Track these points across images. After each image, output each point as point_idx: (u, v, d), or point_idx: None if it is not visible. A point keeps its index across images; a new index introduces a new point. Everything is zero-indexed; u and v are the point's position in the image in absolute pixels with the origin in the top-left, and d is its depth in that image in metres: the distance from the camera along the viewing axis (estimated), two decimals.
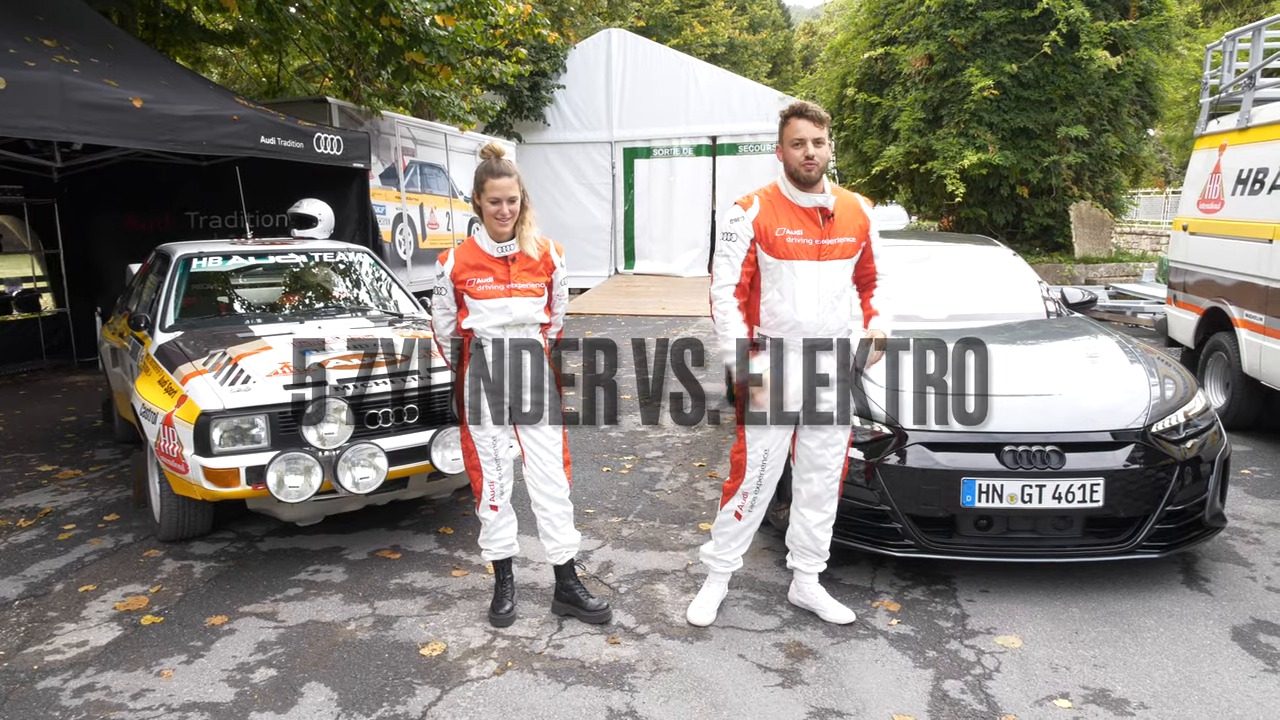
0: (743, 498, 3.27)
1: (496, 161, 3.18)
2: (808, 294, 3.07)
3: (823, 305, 3.09)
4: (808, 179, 3.03)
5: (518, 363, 3.24)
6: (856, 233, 3.12)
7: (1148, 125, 14.59)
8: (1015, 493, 3.41)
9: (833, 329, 3.13)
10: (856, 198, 3.22)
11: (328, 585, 3.75)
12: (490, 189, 3.15)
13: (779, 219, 3.08)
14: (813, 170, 3.00)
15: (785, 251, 3.06)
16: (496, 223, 3.17)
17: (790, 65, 42.01)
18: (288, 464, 3.65)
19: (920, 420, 3.60)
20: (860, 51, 15.31)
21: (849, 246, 3.11)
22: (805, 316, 3.08)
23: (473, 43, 9.56)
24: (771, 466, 3.23)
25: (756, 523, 3.34)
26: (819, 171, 3.01)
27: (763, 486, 3.25)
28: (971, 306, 4.96)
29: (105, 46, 7.15)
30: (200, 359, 4.21)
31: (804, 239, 3.06)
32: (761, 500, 3.27)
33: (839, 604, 3.36)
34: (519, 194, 3.18)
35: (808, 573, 3.37)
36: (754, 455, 3.22)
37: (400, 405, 4.00)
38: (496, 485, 3.33)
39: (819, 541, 3.31)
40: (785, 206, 3.10)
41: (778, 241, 3.06)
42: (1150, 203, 25.31)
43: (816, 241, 3.06)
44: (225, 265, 5.32)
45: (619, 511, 4.64)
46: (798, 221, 3.07)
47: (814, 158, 2.98)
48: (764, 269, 3.13)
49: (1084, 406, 3.67)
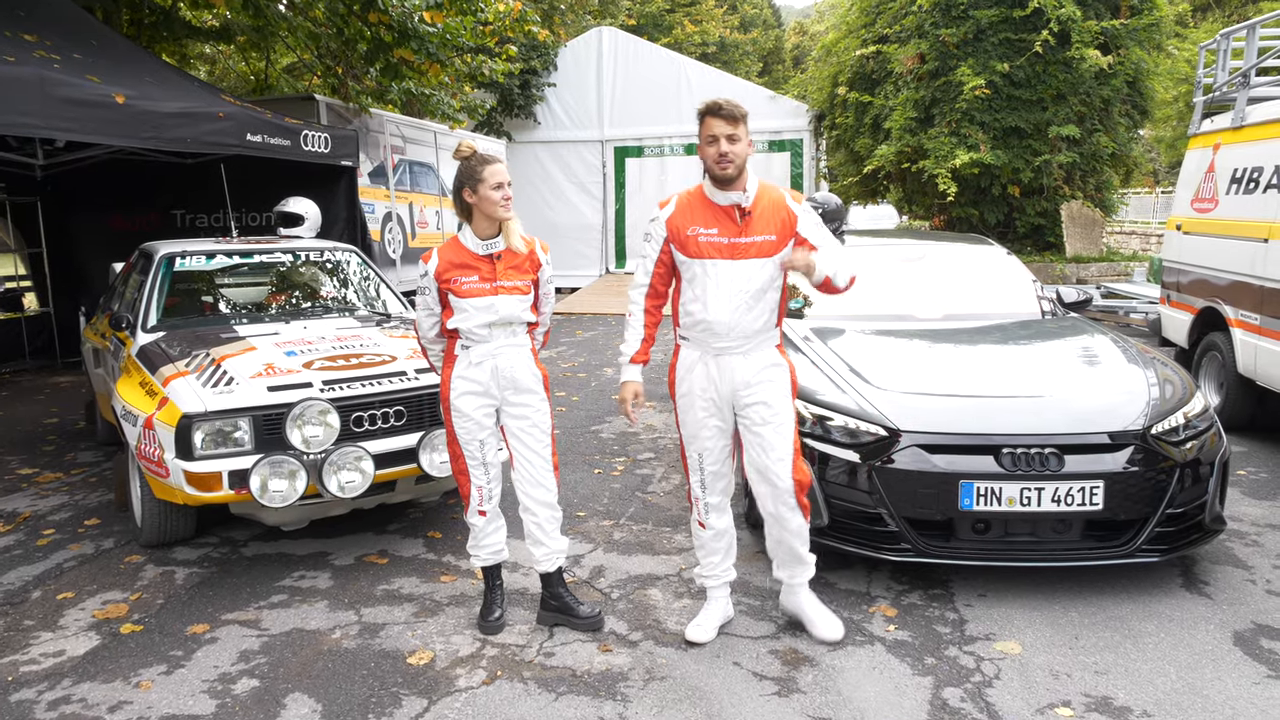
0: (695, 504, 3.21)
1: (483, 151, 3.12)
2: (719, 293, 2.97)
3: (736, 305, 2.96)
4: (723, 177, 2.94)
5: (504, 363, 3.16)
6: (778, 230, 2.97)
7: (1138, 125, 14.57)
8: (1014, 496, 3.35)
9: (749, 331, 3.00)
10: (784, 194, 3.06)
11: (313, 592, 3.67)
12: (491, 175, 3.09)
13: (694, 218, 3.02)
14: (727, 168, 2.91)
15: (697, 250, 3.00)
16: (502, 209, 3.12)
17: (781, 64, 41.98)
18: (272, 468, 3.57)
19: (916, 421, 3.53)
20: (852, 50, 15.23)
21: (768, 245, 2.96)
22: (716, 316, 2.97)
23: (462, 40, 9.46)
24: (712, 471, 3.15)
25: (726, 534, 3.23)
26: (735, 169, 2.92)
27: (709, 490, 3.16)
28: (967, 306, 4.91)
29: (88, 42, 7.04)
30: (182, 360, 4.12)
31: (717, 237, 2.98)
32: (716, 506, 3.18)
33: (830, 615, 3.23)
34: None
35: (793, 583, 3.25)
36: (691, 459, 3.18)
37: (387, 407, 3.92)
38: (484, 490, 3.25)
39: (795, 552, 3.17)
40: (702, 205, 3.03)
41: (689, 240, 3.00)
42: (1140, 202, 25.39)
43: (731, 240, 2.97)
44: (209, 265, 5.22)
45: (610, 514, 4.57)
46: (713, 220, 2.99)
47: (727, 155, 2.89)
48: (680, 269, 3.09)
49: (1083, 408, 3.61)
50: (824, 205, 5.91)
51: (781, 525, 3.11)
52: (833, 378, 3.90)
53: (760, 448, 3.05)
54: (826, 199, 5.94)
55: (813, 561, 3.23)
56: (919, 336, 4.49)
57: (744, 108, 2.98)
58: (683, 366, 3.11)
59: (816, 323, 4.70)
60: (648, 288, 3.13)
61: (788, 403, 3.07)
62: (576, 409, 7.03)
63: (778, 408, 3.04)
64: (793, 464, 3.04)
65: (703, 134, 2.97)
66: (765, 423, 3.03)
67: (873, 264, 5.41)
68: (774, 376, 3.05)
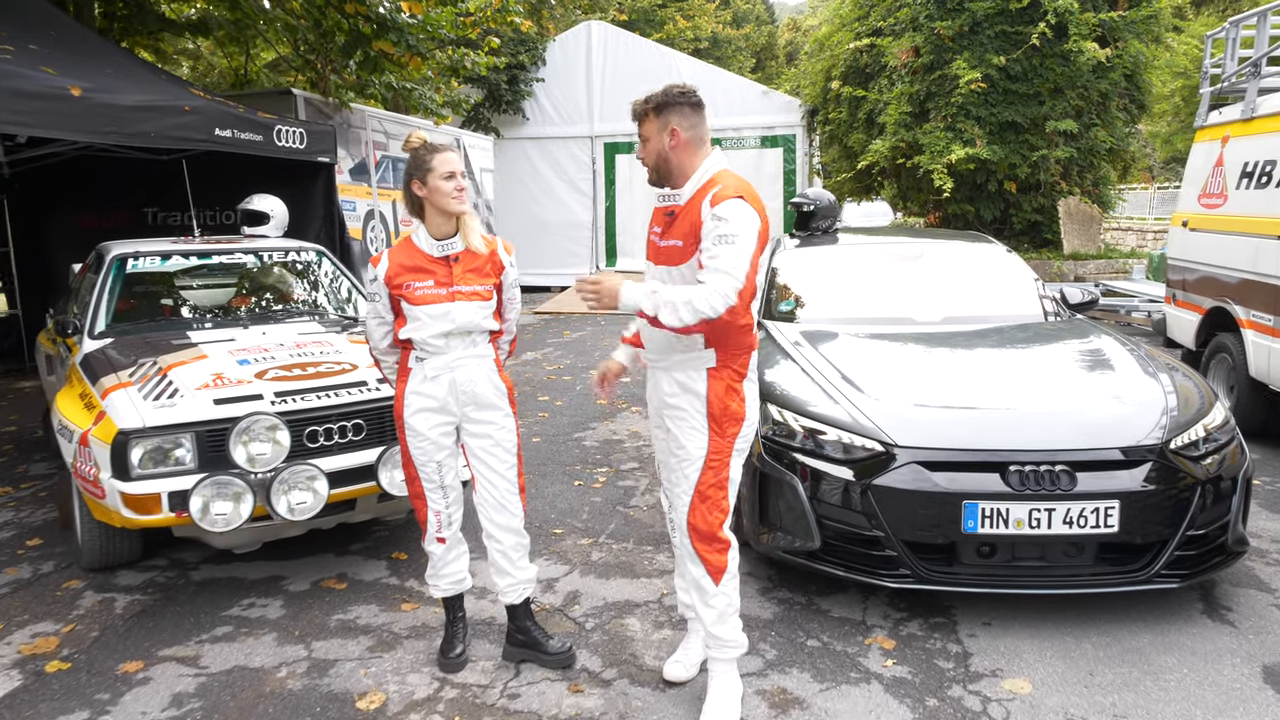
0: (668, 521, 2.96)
1: (431, 141, 2.84)
2: None
3: None
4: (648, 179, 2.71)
5: (464, 377, 2.87)
6: (683, 235, 2.57)
7: (1136, 119, 14.33)
8: (1022, 517, 3.08)
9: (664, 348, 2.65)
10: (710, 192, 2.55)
11: (261, 623, 3.38)
12: (441, 163, 2.80)
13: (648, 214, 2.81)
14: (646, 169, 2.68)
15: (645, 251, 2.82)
16: (454, 201, 2.82)
17: (774, 61, 41.66)
18: (215, 489, 3.28)
19: (915, 436, 3.26)
20: (845, 44, 14.95)
21: (675, 251, 2.61)
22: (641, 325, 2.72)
23: (443, 31, 9.16)
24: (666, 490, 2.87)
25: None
26: (651, 169, 2.65)
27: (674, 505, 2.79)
28: (967, 308, 4.64)
29: (46, 33, 6.72)
30: (126, 369, 3.82)
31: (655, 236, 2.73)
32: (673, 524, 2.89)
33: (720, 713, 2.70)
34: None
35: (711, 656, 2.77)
36: (659, 472, 2.92)
37: (345, 420, 3.63)
38: (443, 515, 2.96)
39: (703, 621, 2.70)
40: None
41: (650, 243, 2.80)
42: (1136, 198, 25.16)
43: (659, 242, 2.67)
44: (164, 266, 4.92)
45: (589, 532, 4.29)
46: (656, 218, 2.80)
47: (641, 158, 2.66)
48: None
49: (1095, 420, 3.34)
50: (815, 202, 5.63)
51: (682, 575, 2.86)
52: (824, 387, 3.62)
53: (670, 486, 2.78)
54: (818, 195, 5.66)
55: (735, 641, 2.70)
56: (917, 341, 4.21)
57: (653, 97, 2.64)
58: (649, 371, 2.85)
59: (807, 326, 4.42)
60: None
61: (699, 438, 2.61)
62: (559, 415, 6.74)
63: (685, 441, 2.63)
64: (690, 504, 2.62)
65: None
66: (671, 454, 2.71)
67: (868, 263, 5.14)
68: (688, 406, 2.63)
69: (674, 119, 2.59)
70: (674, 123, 2.58)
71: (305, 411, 3.55)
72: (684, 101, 2.61)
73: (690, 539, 2.64)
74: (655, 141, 2.61)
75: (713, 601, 2.65)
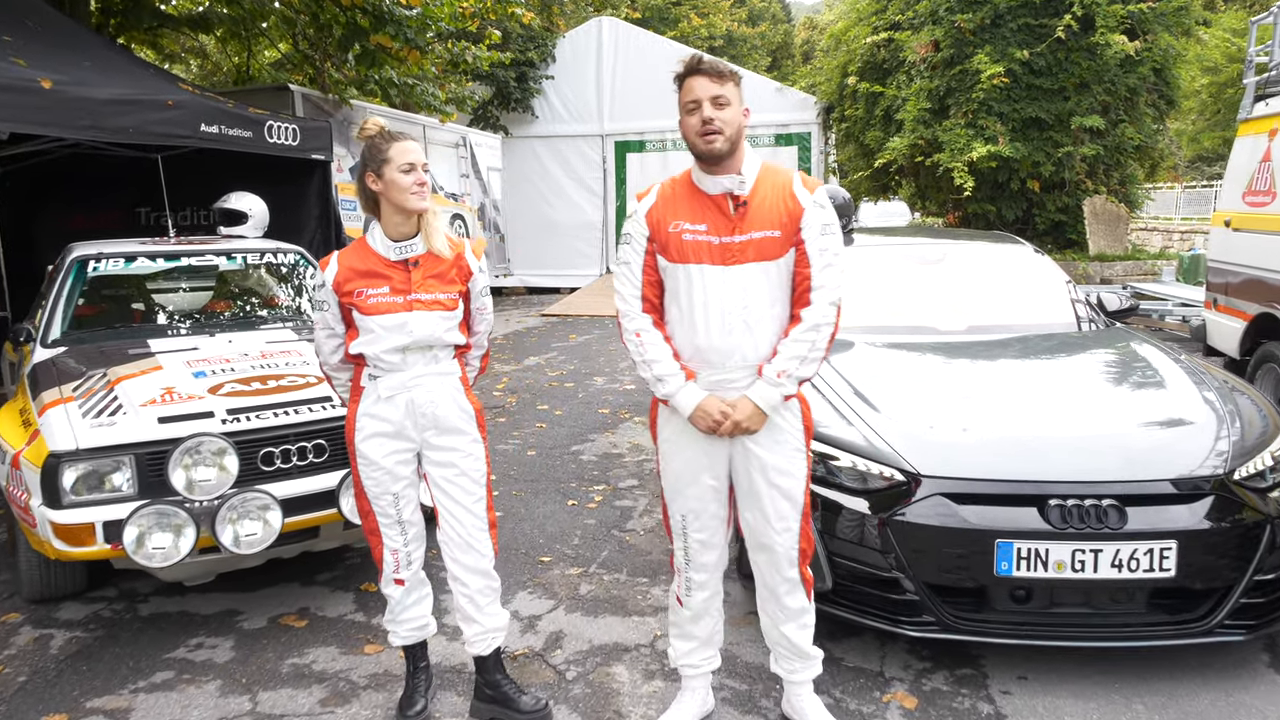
0: (677, 576, 2.56)
1: (390, 129, 2.48)
2: (709, 310, 2.32)
3: (731, 325, 2.30)
4: (709, 153, 2.28)
5: (424, 398, 2.52)
6: (781, 224, 2.28)
7: (1165, 115, 13.83)
8: (1064, 559, 2.69)
9: (752, 358, 2.33)
10: (791, 176, 2.37)
11: (206, 668, 3.03)
12: (399, 154, 2.44)
13: (677, 210, 2.36)
14: (714, 141, 2.25)
15: (680, 252, 2.33)
16: (414, 197, 2.46)
17: (790, 59, 41.16)
18: (153, 519, 2.94)
19: (940, 463, 2.87)
20: (862, 38, 14.55)
21: (769, 244, 2.28)
22: (708, 340, 2.33)
23: (442, 24, 8.84)
24: (699, 540, 2.48)
25: (708, 617, 2.59)
26: (725, 142, 2.25)
27: (692, 564, 2.50)
28: (994, 315, 4.23)
29: (23, 23, 6.44)
30: (72, 383, 3.49)
31: (706, 235, 2.32)
32: (700, 583, 2.52)
33: None
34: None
35: (793, 680, 2.60)
36: (674, 522, 2.51)
37: (305, 441, 3.29)
38: (401, 555, 2.61)
39: (794, 645, 2.53)
40: (689, 194, 2.37)
41: (672, 239, 2.34)
42: (1162, 197, 24.54)
43: (721, 239, 2.31)
44: (128, 268, 4.59)
45: (580, 560, 3.92)
46: (701, 213, 2.33)
47: (713, 123, 2.23)
48: (664, 278, 2.41)
49: (1147, 447, 2.94)
50: (830, 200, 5.23)
51: (778, 603, 2.47)
52: (837, 405, 3.24)
53: (760, 511, 2.41)
54: (834, 193, 5.24)
55: (819, 656, 2.58)
56: (940, 352, 3.82)
57: (732, 67, 2.31)
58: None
59: None
60: (641, 301, 2.42)
61: (799, 457, 2.41)
62: (558, 425, 6.38)
63: (785, 463, 2.39)
64: (800, 530, 2.41)
65: (682, 101, 2.31)
66: (771, 484, 2.38)
67: (885, 267, 4.75)
68: (784, 422, 2.38)
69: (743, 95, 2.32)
70: (745, 100, 2.32)
71: (259, 431, 3.21)
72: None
73: (799, 565, 2.45)
74: (736, 111, 2.27)
75: (809, 619, 2.53)
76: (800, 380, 2.31)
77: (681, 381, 2.35)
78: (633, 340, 2.40)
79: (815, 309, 2.29)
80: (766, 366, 2.31)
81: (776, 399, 2.30)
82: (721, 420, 2.30)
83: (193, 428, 3.11)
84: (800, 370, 2.29)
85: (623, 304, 2.43)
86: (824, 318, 2.29)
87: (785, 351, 2.29)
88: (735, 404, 2.31)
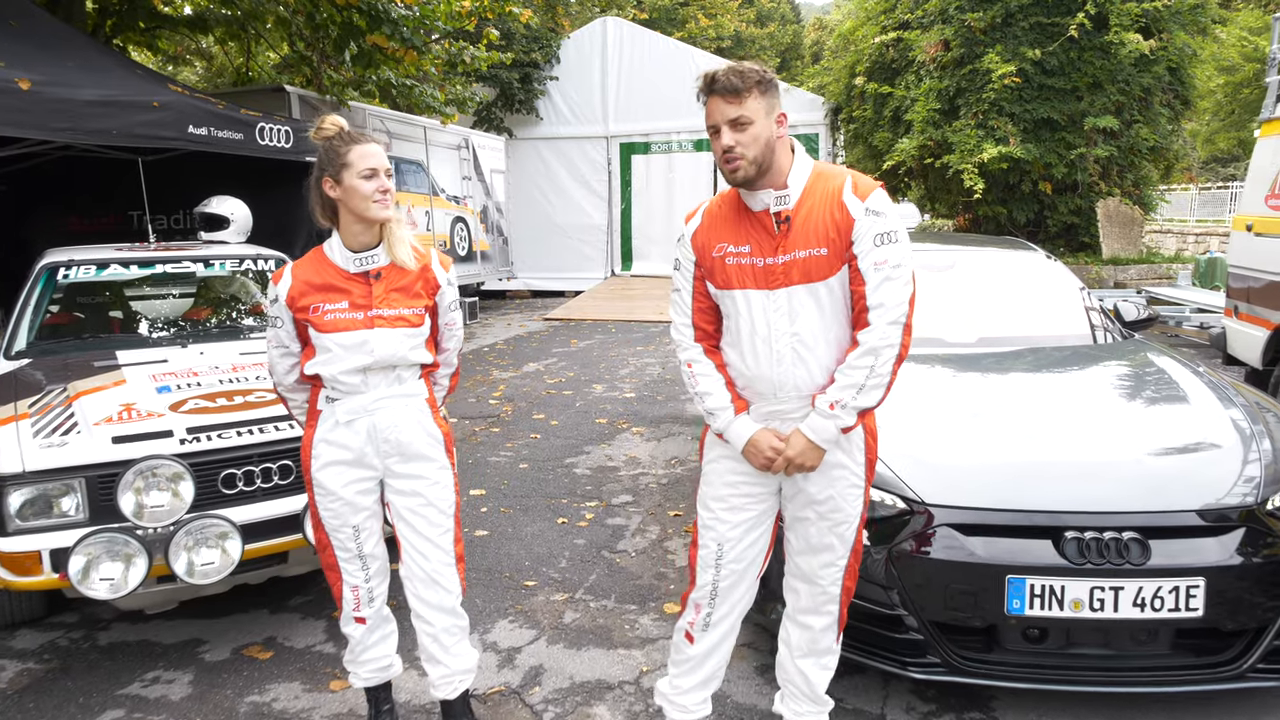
0: (694, 611, 2.35)
1: (350, 130, 2.29)
2: (755, 339, 2.13)
3: (780, 353, 2.10)
4: (735, 181, 2.08)
5: (386, 422, 2.32)
6: (828, 240, 2.05)
7: (1180, 116, 13.52)
8: (1081, 597, 2.47)
9: (806, 387, 2.13)
10: (843, 181, 2.09)
11: (160, 706, 2.84)
12: (360, 158, 2.25)
13: (722, 232, 2.16)
14: (737, 171, 2.04)
15: (725, 278, 2.14)
16: (376, 206, 2.27)
17: (799, 60, 40.85)
18: (103, 546, 2.75)
19: (946, 491, 2.66)
20: (870, 38, 14.29)
21: (815, 263, 2.05)
22: (756, 369, 2.14)
23: (438, 23, 8.66)
24: (730, 572, 2.28)
25: (716, 656, 2.38)
26: (751, 166, 2.04)
27: (719, 598, 2.30)
28: (1005, 327, 4.02)
29: (5, 24, 6.29)
30: (29, 398, 3.31)
31: (750, 258, 2.11)
32: (719, 619, 2.32)
33: None
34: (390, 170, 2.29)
35: None
36: (705, 552, 2.30)
37: (269, 461, 3.09)
38: (362, 591, 2.41)
39: (810, 684, 2.35)
40: (734, 213, 2.16)
41: (717, 264, 2.15)
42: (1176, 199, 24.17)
43: (765, 261, 2.10)
44: (99, 276, 4.41)
45: (566, 584, 3.72)
46: (745, 233, 2.12)
47: (733, 150, 2.02)
48: (719, 305, 2.22)
49: (1170, 473, 2.72)
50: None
51: (808, 637, 2.31)
52: None
53: (806, 541, 2.24)
54: None
55: (829, 706, 2.40)
56: (948, 365, 3.61)
57: (755, 72, 2.05)
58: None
59: None
60: (693, 329, 2.24)
61: (856, 495, 2.22)
62: (552, 436, 6.18)
63: (840, 499, 2.20)
64: (847, 568, 2.25)
65: (706, 122, 2.10)
66: (822, 516, 2.21)
67: None
68: (844, 455, 2.19)
69: (778, 102, 2.08)
70: (779, 106, 2.08)
71: (220, 452, 3.02)
72: (777, 83, 2.09)
73: (840, 602, 2.29)
74: (763, 126, 2.03)
75: (832, 661, 2.39)
76: (861, 411, 2.09)
77: (732, 416, 2.17)
78: (685, 372, 2.24)
79: (874, 331, 2.05)
80: (820, 396, 2.10)
81: (832, 433, 2.09)
82: (773, 457, 2.12)
83: (148, 448, 2.92)
84: (859, 400, 2.06)
85: (676, 334, 2.27)
86: (884, 340, 2.04)
87: (841, 380, 2.08)
88: (788, 439, 2.12)
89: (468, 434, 6.25)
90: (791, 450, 2.11)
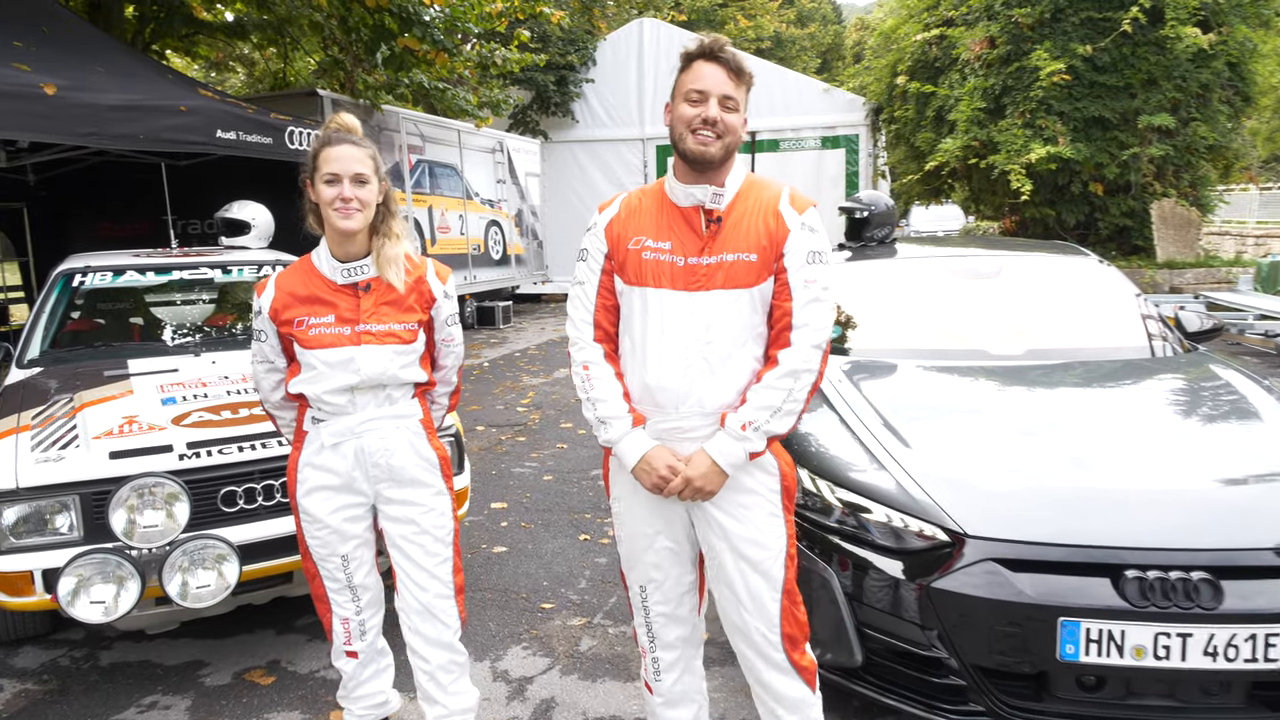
0: (643, 658, 2.17)
1: (336, 132, 2.12)
2: (665, 342, 1.92)
3: (691, 362, 1.91)
4: (701, 156, 1.89)
5: (375, 445, 2.16)
6: (759, 247, 1.90)
7: (1240, 113, 12.95)
8: (1144, 644, 2.22)
9: (713, 403, 1.93)
10: (780, 192, 1.98)
11: None
12: (324, 161, 2.09)
13: (642, 224, 1.97)
14: (708, 144, 1.87)
15: (639, 273, 1.94)
16: (338, 215, 2.10)
17: (841, 61, 40.37)
18: (95, 567, 2.62)
19: (991, 521, 2.42)
20: (913, 36, 13.94)
21: (742, 269, 1.90)
22: (659, 378, 1.93)
23: (469, 25, 8.57)
24: (662, 614, 2.10)
25: (686, 702, 2.20)
26: (722, 149, 1.88)
27: (658, 641, 2.12)
28: (1056, 338, 3.75)
29: (36, 29, 6.30)
30: (33, 409, 3.22)
31: (670, 255, 1.92)
32: (669, 663, 2.14)
33: None
34: (372, 175, 2.11)
35: None
36: (633, 592, 2.14)
37: (271, 479, 2.96)
38: (353, 624, 2.26)
39: None
40: (656, 206, 1.98)
41: (631, 257, 1.96)
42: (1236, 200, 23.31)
43: (687, 260, 1.91)
44: (116, 282, 4.34)
45: (585, 608, 3.54)
46: (668, 228, 1.94)
47: (718, 124, 1.86)
48: (620, 302, 2.03)
49: (1245, 504, 2.46)
50: (871, 207, 4.78)
51: (774, 699, 2.06)
52: (869, 444, 2.80)
53: (728, 587, 2.01)
54: (874, 199, 4.81)
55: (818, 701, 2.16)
56: (992, 379, 3.36)
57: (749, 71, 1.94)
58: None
59: (855, 361, 3.59)
60: (593, 328, 2.06)
61: (776, 525, 2.01)
62: (579, 446, 6.01)
63: (755, 532, 1.98)
64: (781, 610, 2.00)
65: (682, 87, 1.92)
66: (740, 556, 1.98)
67: (932, 281, 4.28)
68: (753, 482, 1.99)
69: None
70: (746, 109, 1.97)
71: (220, 468, 2.89)
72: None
73: (785, 651, 2.04)
74: (741, 120, 1.93)
75: (814, 712, 2.11)
76: (771, 436, 1.92)
77: (628, 427, 1.97)
78: (579, 374, 2.04)
79: (796, 351, 1.89)
80: (731, 415, 1.92)
81: (740, 457, 1.90)
82: (669, 476, 1.92)
83: (145, 464, 2.80)
84: (772, 424, 1.89)
85: (573, 330, 2.07)
86: (805, 363, 1.89)
87: (755, 400, 1.89)
88: (689, 459, 1.93)
89: (493, 443, 6.11)
90: (693, 471, 1.91)
